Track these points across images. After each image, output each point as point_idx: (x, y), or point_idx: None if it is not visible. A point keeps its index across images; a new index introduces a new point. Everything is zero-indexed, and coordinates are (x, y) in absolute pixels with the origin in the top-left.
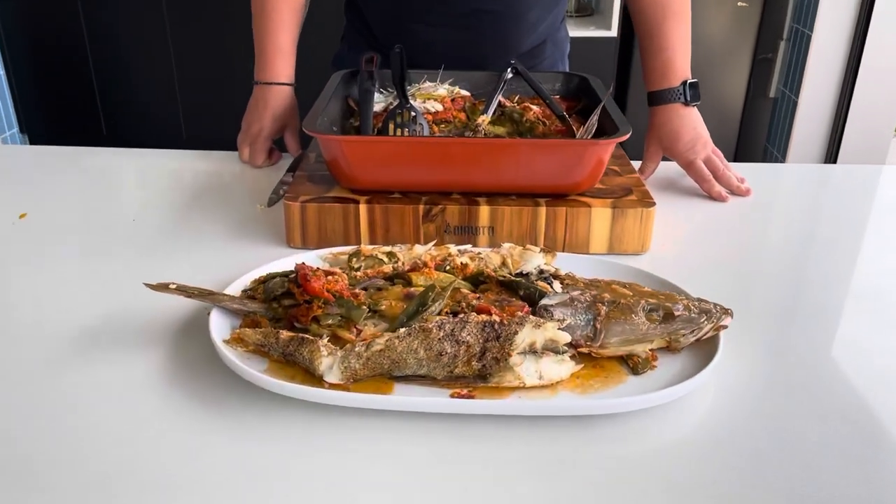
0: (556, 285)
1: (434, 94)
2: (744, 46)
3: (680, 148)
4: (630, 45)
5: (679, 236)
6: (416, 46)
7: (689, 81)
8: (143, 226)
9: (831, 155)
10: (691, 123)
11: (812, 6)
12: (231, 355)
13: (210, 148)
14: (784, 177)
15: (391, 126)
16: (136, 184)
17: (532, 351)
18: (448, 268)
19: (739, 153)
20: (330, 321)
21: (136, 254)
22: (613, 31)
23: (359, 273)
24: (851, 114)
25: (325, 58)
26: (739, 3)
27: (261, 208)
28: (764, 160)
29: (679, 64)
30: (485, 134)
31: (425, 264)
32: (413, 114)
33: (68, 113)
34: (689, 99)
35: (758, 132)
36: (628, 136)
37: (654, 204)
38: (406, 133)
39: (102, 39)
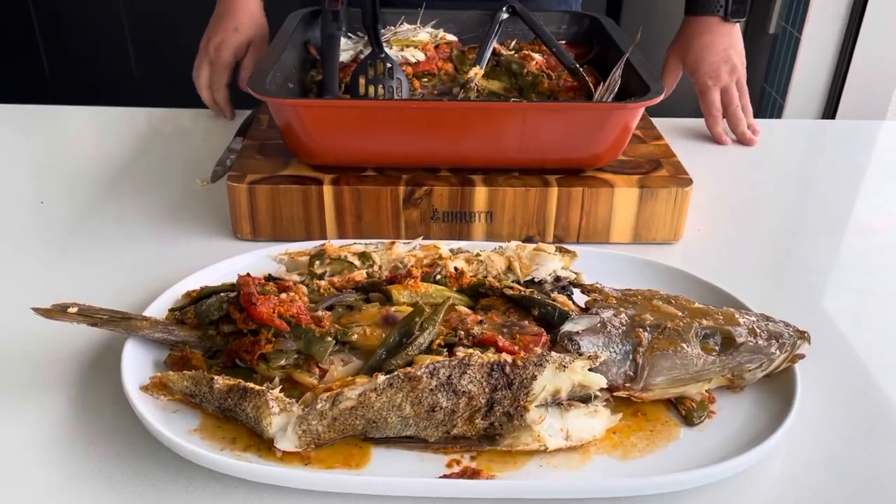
0: (578, 296)
1: (414, 41)
2: None
3: (703, 68)
4: None
5: (717, 217)
6: None
7: None
8: (53, 210)
9: (834, 96)
10: (724, 43)
11: None
12: (148, 411)
13: (163, 92)
14: (836, 133)
15: (362, 82)
16: (49, 152)
17: (555, 402)
18: (439, 276)
19: None
20: (283, 361)
21: (39, 250)
22: None
23: (323, 282)
24: (857, 52)
25: None
26: None
27: (202, 184)
28: (761, 103)
29: None
30: (478, 91)
31: (409, 273)
32: (389, 65)
33: (5, 51)
34: (729, 13)
35: (755, 72)
36: (661, 97)
37: (690, 182)
38: (381, 91)
39: None
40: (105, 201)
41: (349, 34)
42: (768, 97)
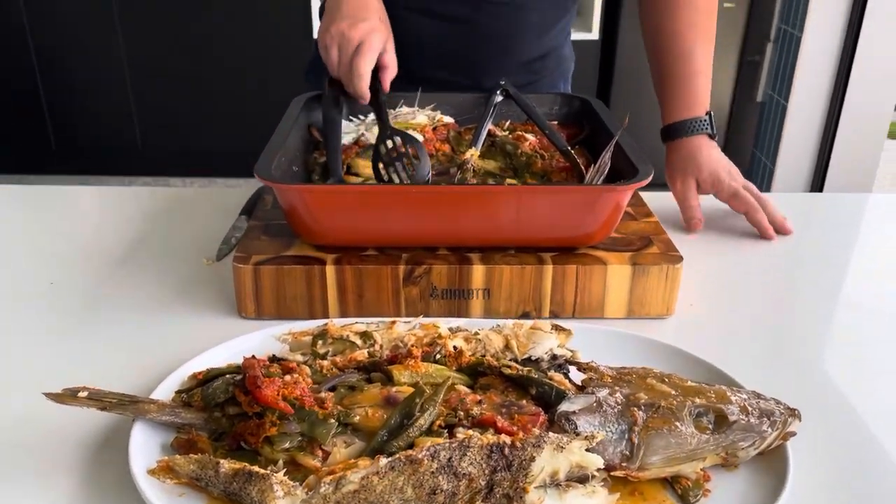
0: (575, 373)
1: (413, 123)
2: (730, 48)
3: (722, 176)
4: (611, 49)
5: (708, 291)
6: (406, 42)
7: (711, 111)
8: (62, 291)
9: (822, 161)
10: (719, 153)
11: (801, 6)
12: (155, 496)
13: (167, 161)
14: (824, 208)
15: (382, 169)
16: (58, 231)
17: (554, 482)
18: (439, 356)
19: None
20: (287, 444)
21: (49, 332)
22: (595, 34)
23: (326, 362)
24: (843, 118)
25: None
26: (726, 4)
27: (208, 262)
28: (751, 167)
29: (704, 92)
30: (474, 171)
31: (410, 353)
32: (402, 144)
33: (14, 125)
34: (714, 130)
35: (745, 137)
36: (649, 179)
37: (681, 259)
38: (402, 174)
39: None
40: (112, 281)
41: (350, 117)
42: (758, 162)
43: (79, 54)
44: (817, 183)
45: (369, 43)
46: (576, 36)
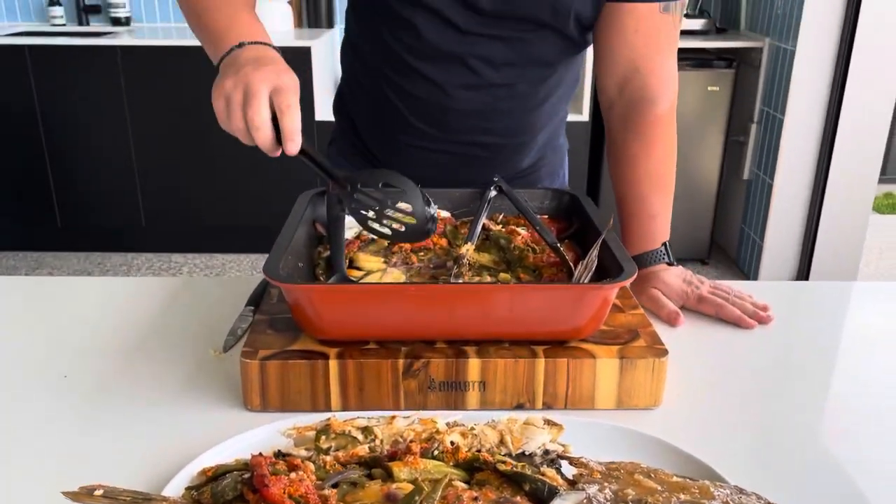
0: (566, 467)
1: (411, 219)
2: (716, 128)
3: (685, 288)
4: (601, 130)
5: (695, 381)
6: (408, 161)
7: (667, 242)
8: (76, 383)
9: (810, 236)
10: (678, 270)
11: (782, 90)
12: None
13: (170, 238)
14: (810, 297)
15: (379, 227)
16: (71, 321)
17: None
18: (436, 451)
19: (716, 235)
20: None
21: (63, 424)
22: (585, 116)
23: (329, 458)
24: (828, 194)
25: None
26: (710, 88)
27: (215, 354)
28: (740, 242)
29: (661, 230)
30: (469, 264)
31: (409, 449)
32: (376, 196)
33: (22, 203)
34: (672, 259)
35: (733, 214)
36: (633, 278)
37: (666, 353)
38: (395, 223)
39: (59, 128)
40: (124, 372)
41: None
42: (747, 238)
43: (86, 136)
44: (806, 257)
45: (256, 88)
46: (568, 118)
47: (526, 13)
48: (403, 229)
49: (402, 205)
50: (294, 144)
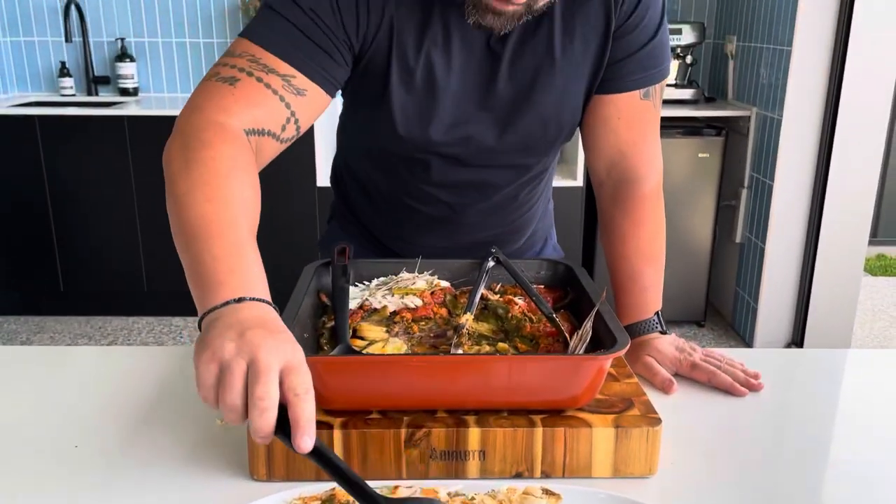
0: None
1: (413, 289)
2: (708, 193)
3: (678, 355)
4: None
5: (690, 452)
6: (409, 228)
7: (659, 311)
8: (86, 453)
9: (803, 298)
10: (671, 338)
11: (770, 157)
12: None
13: (171, 302)
14: (803, 365)
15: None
16: (82, 392)
17: None
18: None
19: (711, 298)
20: None
21: (74, 494)
22: (579, 181)
23: None
24: (819, 258)
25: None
26: (700, 154)
27: (221, 423)
28: (735, 305)
29: (653, 301)
30: (469, 334)
31: None
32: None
33: (25, 268)
34: (664, 328)
35: (728, 277)
36: (627, 348)
37: (660, 421)
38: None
39: (64, 195)
40: (132, 443)
41: (356, 283)
42: (741, 300)
43: (92, 202)
44: (800, 319)
45: (265, 363)
46: (562, 183)
47: (529, 143)
48: None
49: None
50: (309, 439)
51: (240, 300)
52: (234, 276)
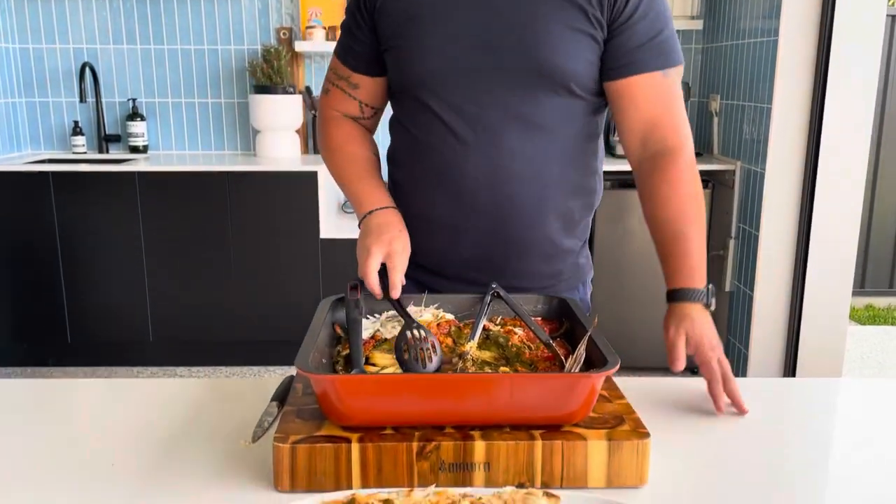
0: None
1: (421, 321)
2: None
3: (704, 342)
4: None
5: (679, 463)
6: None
7: (710, 285)
8: (122, 472)
9: (792, 346)
10: (710, 324)
11: (756, 208)
12: None
13: (176, 352)
14: (792, 393)
15: (405, 352)
16: (118, 417)
17: None
18: None
19: None
20: None
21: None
22: None
23: None
24: (805, 306)
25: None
26: None
27: (245, 444)
28: (727, 352)
29: (699, 266)
30: (472, 361)
31: None
32: (422, 332)
33: (33, 320)
34: (709, 303)
35: (719, 325)
36: (617, 367)
37: (648, 435)
38: (422, 354)
39: (75, 246)
40: (166, 462)
41: (367, 315)
42: (733, 347)
43: (102, 255)
44: (790, 366)
45: (372, 251)
46: None
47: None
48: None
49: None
50: (396, 292)
51: (371, 211)
52: (365, 199)
